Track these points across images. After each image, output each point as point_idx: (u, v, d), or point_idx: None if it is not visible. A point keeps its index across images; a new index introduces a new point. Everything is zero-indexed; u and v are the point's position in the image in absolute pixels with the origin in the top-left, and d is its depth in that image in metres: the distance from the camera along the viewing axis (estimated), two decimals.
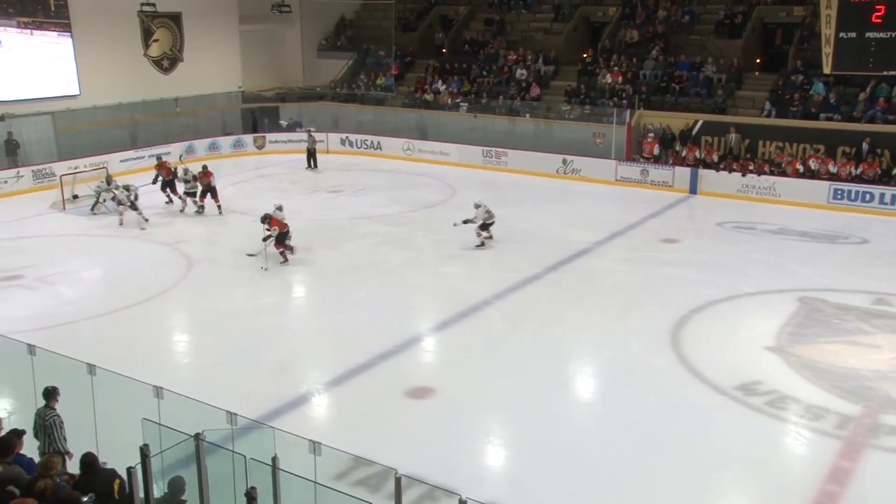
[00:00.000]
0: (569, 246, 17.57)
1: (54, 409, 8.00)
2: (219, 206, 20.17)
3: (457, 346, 12.78)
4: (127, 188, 19.15)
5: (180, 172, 20.65)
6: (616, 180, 23.75)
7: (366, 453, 8.43)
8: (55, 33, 24.77)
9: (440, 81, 29.36)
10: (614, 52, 27.31)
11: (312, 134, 26.55)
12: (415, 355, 12.48)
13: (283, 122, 29.86)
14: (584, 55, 27.85)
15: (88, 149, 24.28)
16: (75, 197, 20.95)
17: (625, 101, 25.16)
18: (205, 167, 20.47)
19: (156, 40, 27.71)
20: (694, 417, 10.37)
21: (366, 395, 10.95)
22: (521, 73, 28.18)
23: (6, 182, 22.15)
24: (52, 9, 24.62)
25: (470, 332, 13.16)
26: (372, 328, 13.12)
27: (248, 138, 28.65)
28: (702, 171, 22.61)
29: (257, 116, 30.21)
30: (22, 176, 22.49)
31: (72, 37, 25.06)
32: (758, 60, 25.90)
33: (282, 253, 16.41)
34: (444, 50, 31.30)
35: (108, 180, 20.25)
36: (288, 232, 16.42)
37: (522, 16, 30.84)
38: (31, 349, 8.52)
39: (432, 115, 28.31)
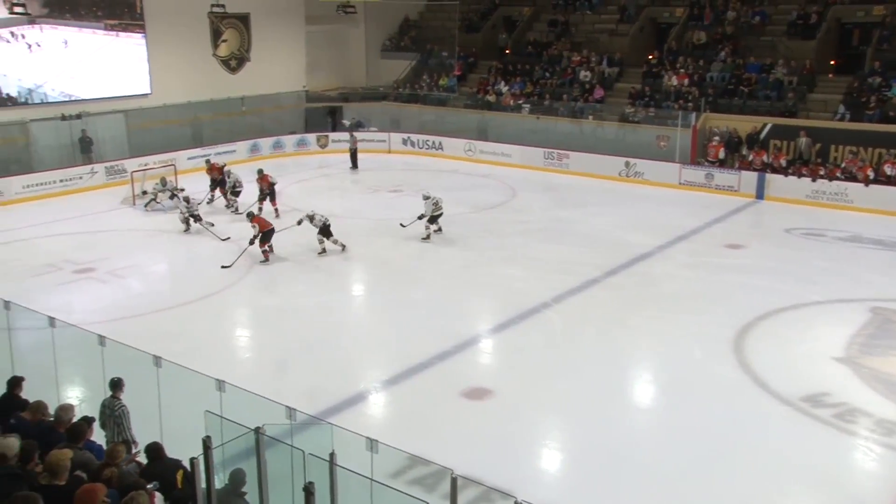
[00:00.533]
0: (630, 250, 17.33)
1: (121, 400, 8.23)
2: (276, 210, 20.06)
3: (515, 347, 12.72)
4: (188, 200, 18.94)
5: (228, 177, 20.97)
6: (680, 184, 23.34)
7: (422, 452, 8.44)
8: (139, 35, 25.62)
9: (503, 82, 29.29)
10: (680, 53, 26.86)
11: (354, 134, 26.77)
12: (472, 356, 12.45)
13: (346, 122, 30.17)
14: (650, 57, 27.47)
15: (158, 146, 24.93)
16: (144, 193, 21.54)
17: (690, 104, 24.72)
18: (260, 171, 20.52)
19: (224, 41, 28.31)
20: (757, 427, 10.11)
21: (423, 395, 10.98)
22: (584, 74, 27.92)
23: (81, 178, 22.90)
24: (138, 11, 25.46)
25: (528, 335, 13.08)
26: (430, 328, 13.15)
27: (312, 137, 29.03)
28: (769, 176, 22.06)
29: (325, 115, 30.56)
30: (96, 172, 23.22)
31: (145, 38, 25.78)
32: (832, 62, 25.14)
33: (263, 252, 16.55)
34: (507, 51, 31.21)
35: (164, 182, 20.86)
36: (272, 231, 16.60)
37: (587, 17, 30.55)
38: (102, 340, 8.77)
39: (494, 116, 28.26)
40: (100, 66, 24.96)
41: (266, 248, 16.62)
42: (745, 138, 23.29)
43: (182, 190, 20.43)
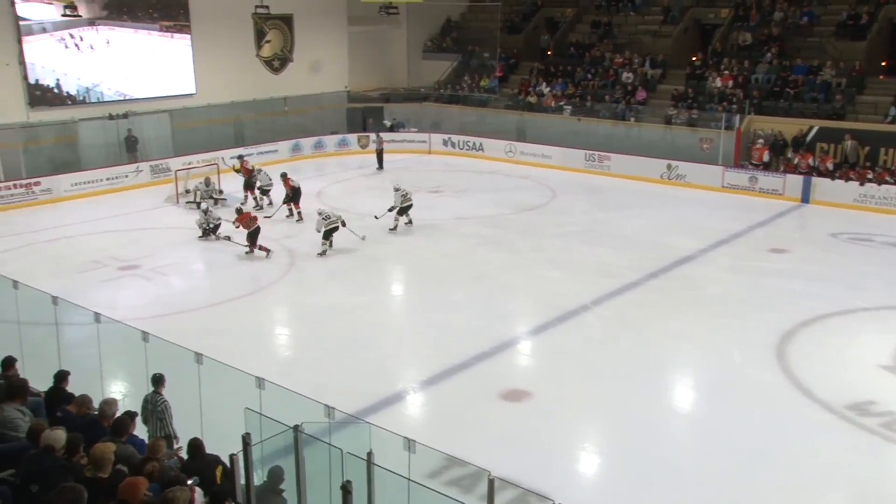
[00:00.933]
0: (671, 253, 17.14)
1: (162, 395, 8.37)
2: (299, 213, 19.98)
3: (553, 350, 12.66)
4: (206, 212, 18.63)
5: (260, 176, 21.16)
6: (723, 187, 23.02)
7: (459, 453, 8.44)
8: (187, 36, 26.12)
9: (544, 84, 29.18)
10: (725, 55, 26.48)
11: (381, 135, 26.84)
12: (511, 358, 12.43)
13: (387, 122, 30.31)
14: (693, 58, 27.14)
15: (201, 145, 25.29)
16: (187, 191, 21.87)
17: (734, 106, 24.36)
18: (284, 174, 20.53)
19: (268, 41, 28.64)
20: (801, 435, 9.93)
21: (460, 396, 10.98)
22: (626, 76, 27.69)
23: (126, 176, 23.34)
24: (188, 12, 25.93)
25: (567, 337, 13.01)
26: (468, 329, 13.15)
27: (353, 137, 29.22)
28: (815, 180, 21.65)
29: (364, 117, 30.76)
30: (141, 171, 23.65)
31: (191, 38, 26.20)
32: (883, 63, 24.56)
33: (251, 248, 16.81)
34: (548, 52, 31.08)
35: (208, 182, 21.19)
36: (257, 231, 16.83)
37: (630, 18, 30.29)
38: (145, 336, 8.92)
39: (535, 117, 28.18)
40: (150, 67, 25.51)
41: (256, 249, 16.78)
42: (791, 141, 22.88)
43: (222, 195, 20.61)
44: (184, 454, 7.46)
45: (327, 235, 17.19)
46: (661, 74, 27.50)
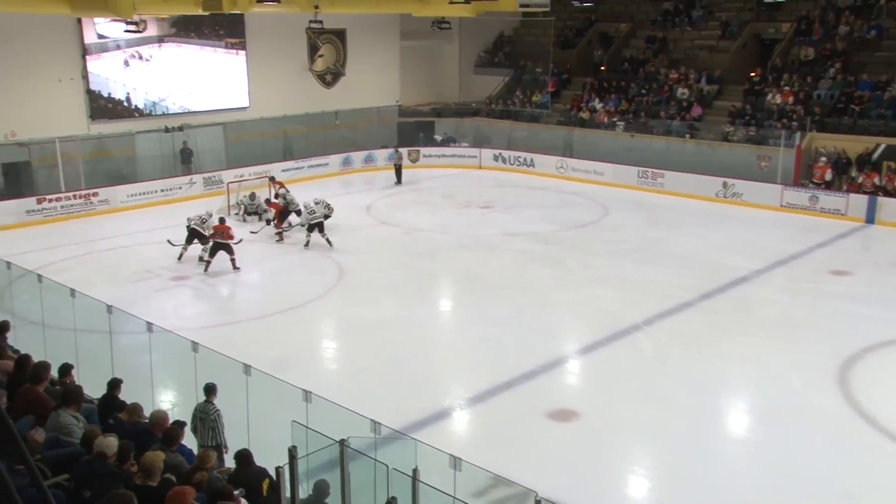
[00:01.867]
0: (726, 273, 16.86)
1: (214, 404, 8.50)
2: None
3: (603, 370, 12.53)
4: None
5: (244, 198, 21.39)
6: (781, 206, 22.58)
7: (505, 473, 8.39)
8: (243, 51, 26.73)
9: (597, 99, 29.05)
10: (785, 70, 26.04)
11: (399, 151, 26.88)
12: (559, 377, 12.33)
13: (438, 137, 30.48)
14: (752, 74, 26.73)
15: (253, 158, 25.74)
16: (237, 203, 22.23)
17: (794, 123, 23.91)
18: (267, 200, 20.98)
19: (321, 55, 29.05)
20: (863, 465, 9.64)
21: (508, 414, 10.92)
22: (682, 92, 27.42)
23: (180, 188, 23.87)
24: (244, 28, 26.55)
25: (617, 357, 12.87)
26: (517, 346, 13.10)
27: (403, 151, 29.37)
28: (881, 199, 21.09)
29: (415, 130, 30.97)
30: (194, 183, 24.17)
31: (246, 53, 26.75)
32: None
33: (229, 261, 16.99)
34: (602, 67, 30.96)
35: (253, 196, 21.52)
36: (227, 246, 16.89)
37: (687, 33, 30.02)
38: (195, 347, 9.09)
39: (587, 133, 28.04)
40: (207, 82, 26.12)
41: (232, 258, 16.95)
42: (855, 159, 22.36)
43: (267, 212, 20.84)
44: (231, 464, 7.56)
45: (311, 229, 18.40)
46: (718, 90, 27.16)
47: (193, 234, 17.61)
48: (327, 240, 18.58)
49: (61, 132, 22.35)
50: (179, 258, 17.60)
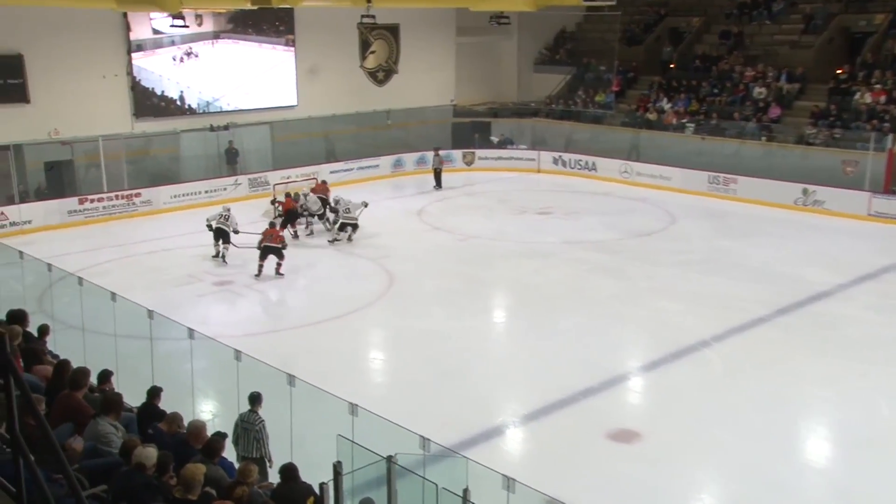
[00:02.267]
0: (805, 287, 16.50)
1: (259, 415, 8.61)
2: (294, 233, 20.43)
3: (668, 388, 12.37)
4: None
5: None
6: (868, 215, 22.00)
7: (561, 496, 8.29)
8: (292, 47, 27.13)
9: (665, 99, 28.73)
10: (877, 67, 25.32)
11: (440, 153, 26.82)
12: (620, 395, 12.22)
13: (494, 138, 30.47)
14: (839, 71, 26.09)
15: (301, 159, 26.09)
16: (273, 201, 22.51)
17: (886, 125, 23.26)
18: (288, 194, 21.37)
19: (372, 52, 29.33)
20: None
21: (564, 433, 10.86)
22: (759, 91, 26.93)
23: (225, 189, 24.32)
24: (293, 23, 26.93)
25: (683, 375, 12.69)
26: (576, 361, 13.01)
27: (457, 154, 29.50)
28: None
29: (470, 131, 31.03)
30: (239, 184, 24.61)
31: (294, 49, 27.14)
32: None
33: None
34: (671, 65, 30.61)
35: (296, 198, 21.74)
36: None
37: (766, 27, 29.48)
38: (237, 355, 9.24)
39: (654, 135, 27.75)
40: (258, 79, 26.56)
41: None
42: None
43: (306, 214, 21.09)
44: (274, 478, 7.63)
45: (343, 228, 19.50)
46: (799, 89, 26.57)
47: (219, 234, 18.33)
48: (349, 238, 19.64)
49: (104, 130, 22.96)
50: (217, 255, 18.29)
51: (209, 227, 18.48)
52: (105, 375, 8.76)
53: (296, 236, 20.27)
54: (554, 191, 26.23)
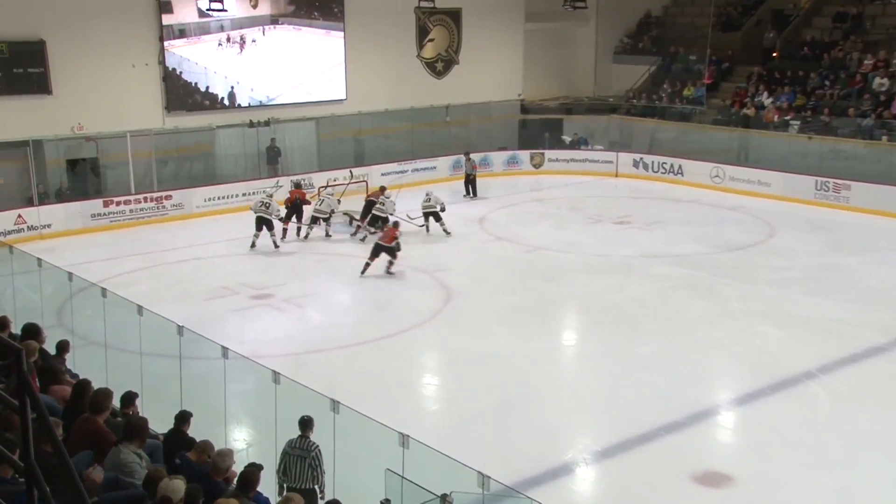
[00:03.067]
0: None
1: (313, 440, 8.66)
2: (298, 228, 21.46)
3: (765, 426, 12.14)
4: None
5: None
6: None
7: None
8: (341, 34, 27.42)
9: (766, 93, 28.34)
10: None
11: (472, 157, 26.75)
12: (709, 432, 12.07)
13: (567, 138, 30.38)
14: None
15: (349, 159, 26.36)
16: (332, 212, 22.75)
17: None
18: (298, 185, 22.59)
19: (430, 40, 29.51)
20: None
21: (643, 474, 10.74)
22: (880, 83, 26.33)
23: (265, 191, 24.48)
24: (343, 7, 27.32)
25: (783, 411, 12.45)
26: (657, 392, 12.86)
27: (525, 155, 29.48)
28: None
29: (539, 130, 31.01)
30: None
31: (344, 38, 27.38)
32: None
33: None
34: (774, 54, 30.18)
35: (338, 202, 22.06)
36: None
37: (890, 8, 28.72)
38: (276, 377, 9.32)
39: (752, 134, 27.42)
40: (299, 69, 26.90)
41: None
42: None
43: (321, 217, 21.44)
44: None
45: (427, 217, 21.21)
46: None
47: (261, 222, 19.85)
48: (445, 230, 21.26)
49: (133, 125, 23.38)
50: (252, 246, 19.98)
51: (257, 214, 20.08)
52: (129, 398, 8.91)
53: (300, 234, 21.38)
54: (634, 197, 26.05)
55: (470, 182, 26.31)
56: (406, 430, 8.00)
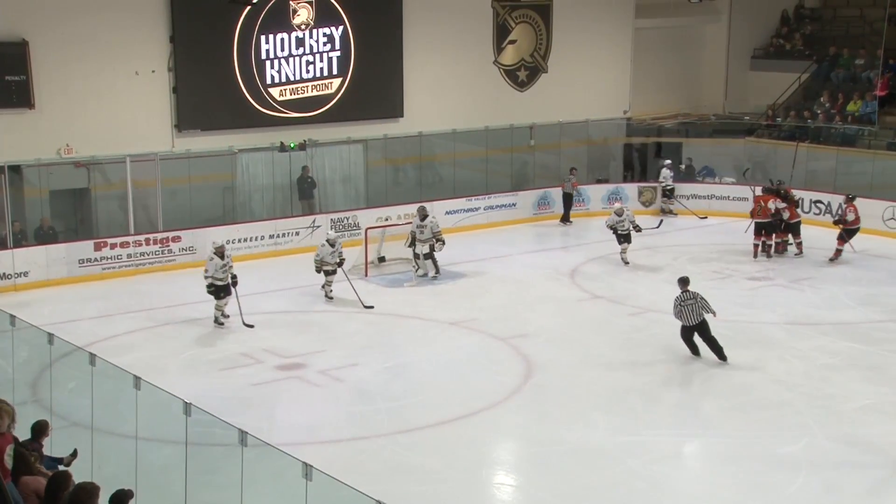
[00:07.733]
0: None
1: None
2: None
3: None
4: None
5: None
6: None
7: None
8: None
9: None
10: None
11: (575, 170, 26.88)
12: None
13: (682, 167, 30.13)
14: None
15: (404, 193, 26.45)
16: (382, 259, 22.87)
17: None
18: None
19: (512, 41, 29.62)
20: None
21: None
22: None
23: (297, 233, 24.87)
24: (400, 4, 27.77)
25: None
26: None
27: (631, 189, 29.21)
28: None
29: (638, 155, 31.00)
30: (318, 226, 24.96)
31: (401, 38, 27.64)
32: None
33: None
34: None
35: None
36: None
37: None
38: (307, 471, 9.30)
39: None
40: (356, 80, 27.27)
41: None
42: None
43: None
44: None
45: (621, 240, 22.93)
46: None
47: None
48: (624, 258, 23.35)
49: (134, 148, 23.72)
50: (327, 296, 21.02)
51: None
52: (121, 497, 8.91)
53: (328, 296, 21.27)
54: None
55: (566, 201, 26.46)
56: None
